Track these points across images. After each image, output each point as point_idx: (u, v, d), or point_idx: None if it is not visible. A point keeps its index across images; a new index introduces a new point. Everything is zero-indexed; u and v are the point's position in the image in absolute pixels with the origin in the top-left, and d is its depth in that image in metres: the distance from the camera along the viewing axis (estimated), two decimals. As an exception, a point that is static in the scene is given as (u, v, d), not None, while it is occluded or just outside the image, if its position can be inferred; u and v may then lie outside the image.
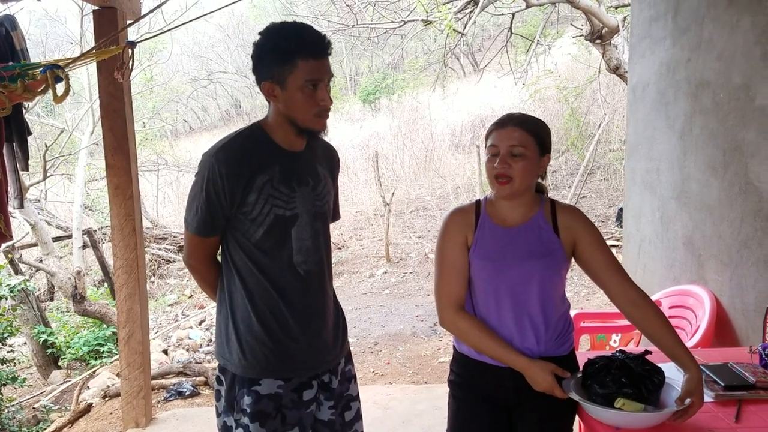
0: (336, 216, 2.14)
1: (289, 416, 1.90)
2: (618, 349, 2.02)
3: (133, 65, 2.68)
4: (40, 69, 1.97)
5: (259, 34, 1.80)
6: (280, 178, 1.84)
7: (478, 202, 2.06)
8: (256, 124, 1.90)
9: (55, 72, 1.94)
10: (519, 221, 1.98)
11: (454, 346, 2.13)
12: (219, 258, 2.00)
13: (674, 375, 1.89)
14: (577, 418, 2.03)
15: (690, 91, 3.46)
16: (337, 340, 2.05)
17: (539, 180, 2.05)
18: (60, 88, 1.98)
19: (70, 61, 2.23)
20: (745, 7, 2.93)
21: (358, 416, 2.15)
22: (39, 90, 2.02)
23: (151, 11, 2.41)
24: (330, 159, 2.08)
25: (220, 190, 1.78)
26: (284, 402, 1.89)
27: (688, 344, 3.07)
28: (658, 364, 1.92)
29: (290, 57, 1.74)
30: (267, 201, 1.82)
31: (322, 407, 2.02)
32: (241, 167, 1.79)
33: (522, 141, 1.89)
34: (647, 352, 1.90)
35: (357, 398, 2.16)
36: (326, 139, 2.05)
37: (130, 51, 2.62)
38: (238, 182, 1.78)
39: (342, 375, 2.08)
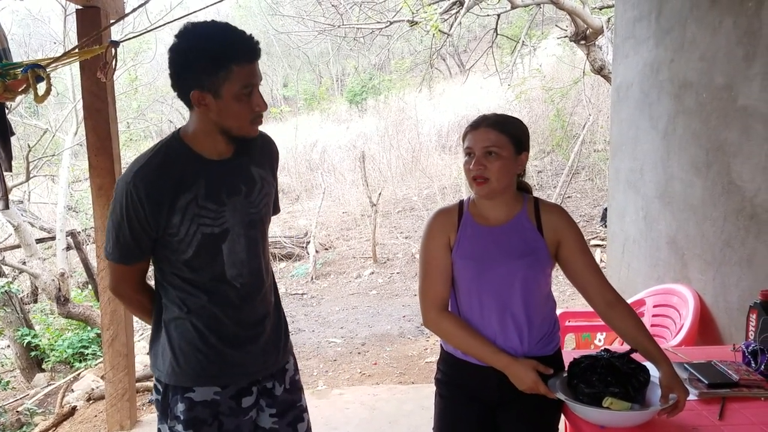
0: (276, 210, 2.02)
1: (226, 423, 1.84)
2: (603, 348, 2.02)
3: (116, 65, 2.66)
4: (21, 69, 1.95)
5: (177, 37, 1.63)
6: (206, 194, 1.72)
7: (461, 202, 2.06)
8: (175, 136, 1.77)
9: (36, 72, 1.91)
10: (502, 220, 1.98)
11: (441, 345, 2.13)
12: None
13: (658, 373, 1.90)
14: (563, 417, 2.04)
15: (673, 92, 3.49)
16: (278, 343, 1.97)
17: (521, 178, 2.05)
18: (41, 87, 1.96)
19: (52, 60, 2.21)
20: (727, 8, 2.96)
21: (309, 427, 2.08)
22: (20, 90, 2.00)
23: (134, 10, 2.39)
24: (269, 154, 1.94)
25: (141, 216, 1.67)
26: (222, 409, 1.83)
27: (672, 343, 3.10)
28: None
29: (224, 63, 1.60)
30: (193, 221, 1.71)
31: (262, 414, 1.95)
32: (161, 189, 1.67)
33: (496, 141, 1.89)
34: (632, 350, 1.91)
35: (307, 409, 2.08)
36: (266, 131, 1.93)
37: (113, 50, 2.60)
38: (160, 205, 1.67)
39: (292, 384, 2.01)
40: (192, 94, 1.64)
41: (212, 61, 1.60)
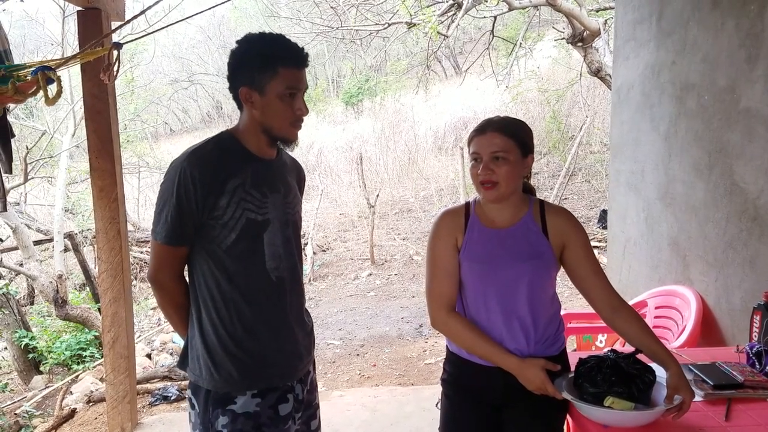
0: None
1: None
2: (609, 348, 2.03)
3: (119, 67, 2.66)
4: (32, 70, 1.94)
5: (238, 42, 1.81)
6: (252, 183, 1.82)
7: (467, 203, 2.06)
8: (225, 132, 1.90)
9: (47, 74, 1.91)
10: (508, 223, 1.99)
11: (446, 346, 2.13)
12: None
13: (665, 374, 1.91)
14: (568, 417, 2.04)
15: (675, 94, 3.50)
16: (309, 348, 2.04)
17: (526, 180, 2.06)
18: (51, 90, 1.95)
19: (58, 62, 2.20)
20: (729, 10, 2.97)
21: (320, 424, 2.14)
22: (30, 92, 1.98)
23: (141, 13, 2.38)
24: (297, 172, 2.09)
25: (191, 195, 1.75)
26: (263, 420, 1.85)
27: (675, 344, 3.11)
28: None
29: (272, 64, 1.76)
30: (239, 205, 1.79)
31: (294, 421, 1.98)
32: (214, 171, 1.77)
33: (503, 146, 1.89)
34: (638, 351, 1.92)
35: (319, 405, 2.15)
36: (293, 154, 2.06)
37: (116, 52, 2.60)
38: (211, 186, 1.76)
39: (311, 384, 2.07)
40: (241, 91, 1.80)
41: (261, 60, 1.77)
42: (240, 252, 1.82)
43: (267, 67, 1.75)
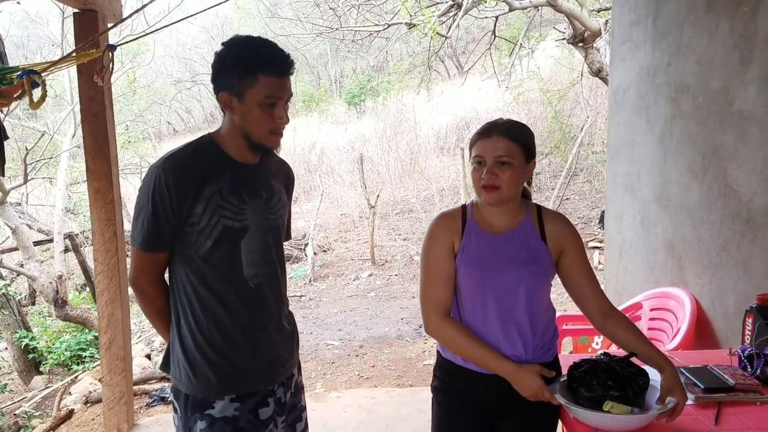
0: (287, 236, 2.09)
1: None
2: (602, 352, 2.02)
3: (113, 69, 2.66)
4: (17, 74, 1.94)
5: (223, 44, 1.79)
6: (230, 189, 1.80)
7: (464, 207, 2.03)
8: (207, 136, 1.88)
9: (32, 77, 1.91)
10: (506, 228, 1.96)
11: (438, 352, 2.10)
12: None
13: (658, 377, 1.90)
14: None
15: (670, 95, 3.49)
16: (292, 352, 2.02)
17: (526, 185, 2.04)
18: (36, 93, 1.96)
19: (48, 65, 2.21)
20: (723, 12, 2.96)
21: (306, 426, 2.13)
22: (15, 96, 1.99)
23: (132, 14, 2.39)
24: (285, 176, 2.05)
25: (166, 202, 1.73)
26: (241, 424, 1.84)
27: (669, 346, 3.10)
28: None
29: (252, 71, 1.72)
30: (215, 212, 1.77)
31: (276, 424, 1.97)
32: (189, 177, 1.75)
33: (508, 151, 1.86)
34: (632, 354, 1.90)
35: (305, 407, 2.14)
36: (284, 156, 2.04)
37: (110, 54, 2.60)
38: (186, 192, 1.74)
39: (296, 387, 2.05)
40: (221, 95, 1.78)
41: (241, 66, 1.73)
42: (217, 259, 1.81)
43: (247, 74, 1.73)
